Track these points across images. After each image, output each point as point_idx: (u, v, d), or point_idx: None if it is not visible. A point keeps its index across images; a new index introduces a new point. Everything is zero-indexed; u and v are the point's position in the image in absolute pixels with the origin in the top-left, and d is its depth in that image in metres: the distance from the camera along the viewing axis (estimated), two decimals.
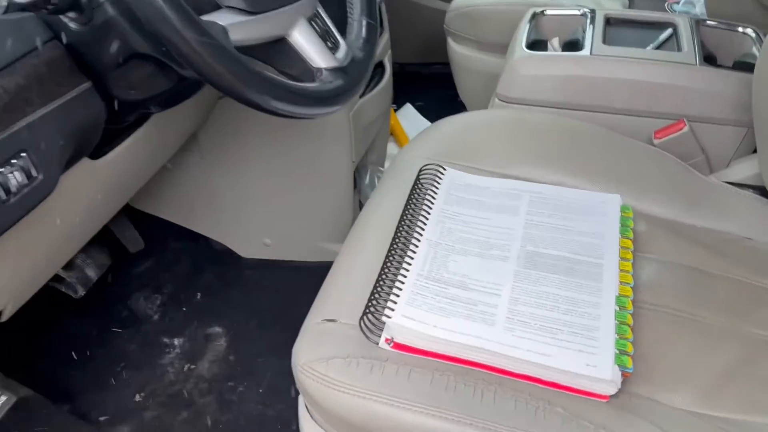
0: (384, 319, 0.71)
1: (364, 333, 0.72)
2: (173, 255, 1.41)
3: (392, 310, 0.71)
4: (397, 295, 0.73)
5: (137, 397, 1.16)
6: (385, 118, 1.40)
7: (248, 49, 0.70)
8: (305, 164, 1.24)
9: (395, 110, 1.79)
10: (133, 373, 1.20)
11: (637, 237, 0.83)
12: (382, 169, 1.42)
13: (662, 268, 0.81)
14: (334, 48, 0.73)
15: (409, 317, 0.71)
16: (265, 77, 0.61)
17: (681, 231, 0.88)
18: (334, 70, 0.72)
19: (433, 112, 1.78)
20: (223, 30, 0.58)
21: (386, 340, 0.71)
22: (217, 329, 1.27)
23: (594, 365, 0.67)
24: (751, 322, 0.76)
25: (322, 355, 0.70)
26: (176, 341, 1.25)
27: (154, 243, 1.41)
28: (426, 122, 1.76)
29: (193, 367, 1.21)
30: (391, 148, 1.62)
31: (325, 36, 0.72)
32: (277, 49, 0.70)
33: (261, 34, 0.64)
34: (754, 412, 0.68)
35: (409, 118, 1.77)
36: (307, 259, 1.37)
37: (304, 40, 0.70)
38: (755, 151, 1.02)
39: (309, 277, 1.36)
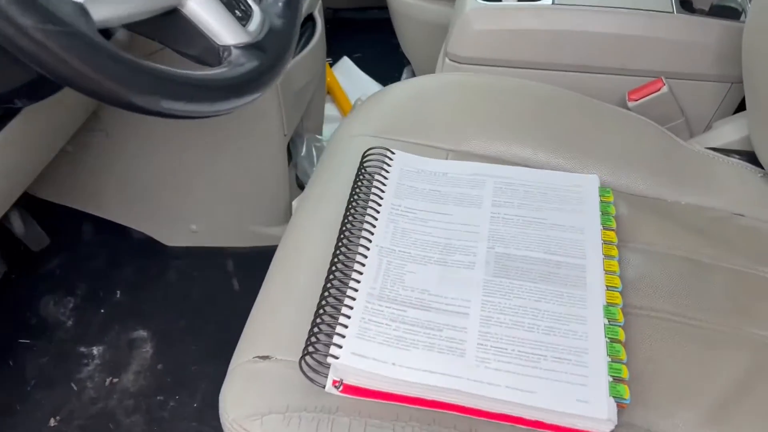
0: (330, 360, 0.57)
1: (306, 375, 0.58)
2: (86, 249, 1.23)
3: (339, 347, 0.58)
4: (345, 326, 0.59)
5: (52, 422, 1.01)
6: (320, 80, 1.24)
7: (134, 27, 0.53)
8: (229, 139, 1.07)
9: (331, 65, 1.61)
10: (46, 392, 1.04)
11: (619, 223, 0.71)
12: (320, 137, 1.26)
13: (650, 261, 0.70)
14: (244, 18, 0.57)
15: (361, 354, 0.57)
16: (147, 69, 0.45)
17: (666, 212, 0.76)
18: (247, 48, 0.56)
19: (373, 66, 1.62)
20: (80, 9, 0.42)
21: (334, 382, 0.57)
22: (142, 333, 1.12)
23: (585, 401, 0.55)
24: (756, 322, 0.66)
25: (255, 410, 0.57)
26: (95, 350, 1.10)
27: (62, 237, 1.23)
28: (366, 78, 1.59)
29: (116, 380, 1.06)
30: (329, 109, 1.46)
31: (232, 3, 0.56)
32: (169, 24, 0.53)
33: (139, 7, 0.47)
34: None
35: (347, 73, 1.60)
36: (241, 245, 1.21)
37: (203, 10, 0.53)
38: (737, 110, 0.90)
39: (244, 265, 1.22)
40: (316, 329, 0.60)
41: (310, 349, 0.58)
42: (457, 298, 0.62)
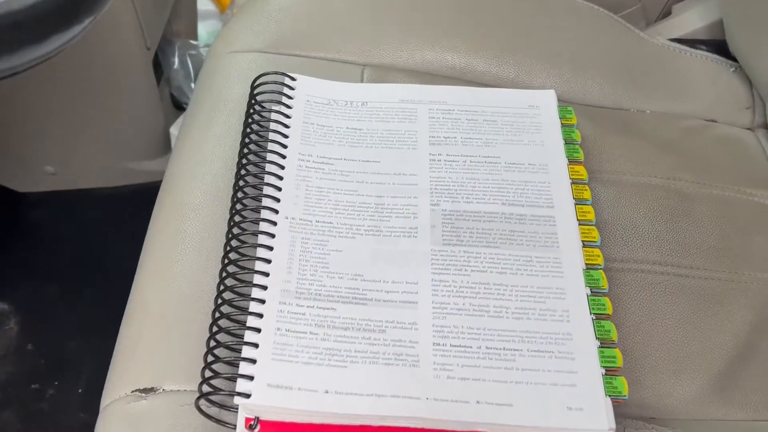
0: (239, 400, 0.41)
1: (207, 416, 0.43)
2: None
3: (249, 378, 0.42)
4: (254, 344, 0.43)
5: None
6: None
7: None
8: (80, 63, 0.83)
9: None
10: None
11: (585, 152, 0.57)
12: (195, 42, 1.03)
13: (624, 196, 0.57)
14: None
15: (281, 385, 0.42)
16: None
17: (632, 126, 0.63)
18: None
19: None
20: None
21: (248, 421, 0.42)
22: (2, 306, 0.91)
23: (579, 407, 0.43)
24: (753, 262, 0.55)
25: None
26: None
27: None
28: None
29: None
30: (203, 3, 1.20)
31: None
32: None
33: None
34: None
35: None
36: (112, 185, 1.00)
37: None
38: None
39: (119, 210, 1.00)
40: (213, 352, 0.43)
41: (208, 386, 0.42)
42: (399, 281, 0.47)
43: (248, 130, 0.54)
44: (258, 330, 0.43)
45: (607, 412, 0.43)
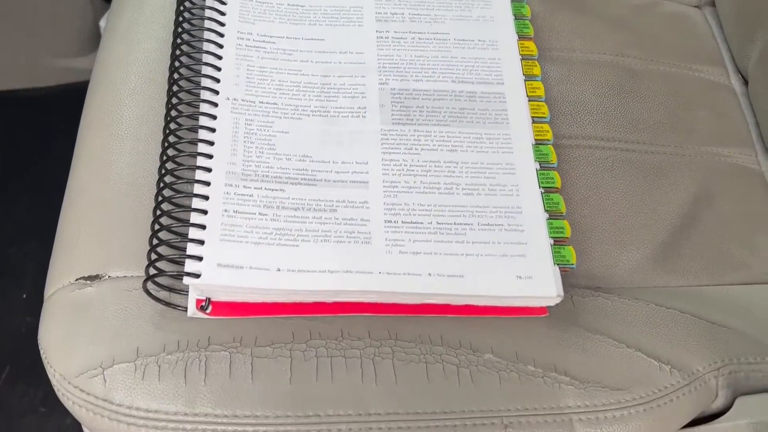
0: (188, 280, 0.40)
1: (156, 299, 0.42)
2: None
3: (198, 258, 0.41)
4: (202, 226, 0.42)
5: None
6: None
7: None
8: None
9: None
10: None
11: (536, 28, 0.56)
12: None
13: (573, 73, 0.56)
14: None
15: (231, 264, 0.41)
16: None
17: (583, 3, 0.61)
18: None
19: None
20: None
21: (199, 302, 0.42)
22: None
23: (529, 276, 0.43)
24: (698, 136, 0.55)
25: (91, 361, 0.40)
26: None
27: None
28: None
29: None
30: None
31: None
32: None
33: None
34: (721, 268, 0.51)
35: None
36: (37, 85, 0.94)
37: None
38: None
39: (48, 112, 0.95)
40: (158, 236, 0.42)
41: (155, 268, 0.41)
42: (349, 161, 0.46)
43: (182, 8, 0.50)
44: (204, 212, 0.42)
45: (556, 280, 0.43)
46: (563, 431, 0.41)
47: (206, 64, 0.48)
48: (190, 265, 0.40)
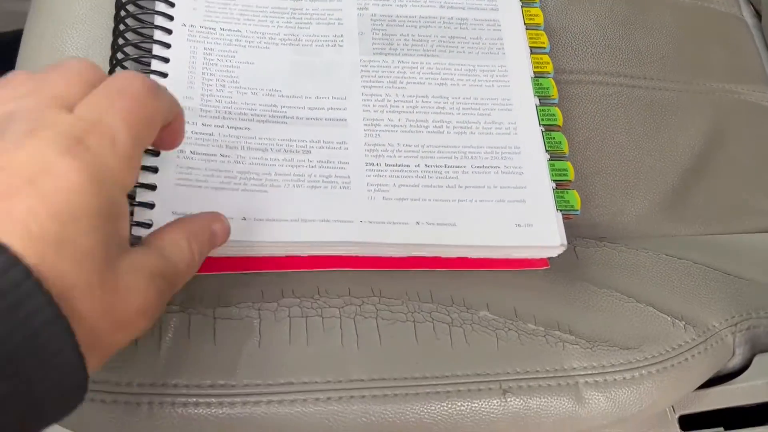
0: (138, 231, 0.35)
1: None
2: None
3: (149, 206, 0.35)
4: (152, 169, 0.36)
5: None
6: None
7: None
8: None
9: None
10: None
11: None
12: None
13: (575, 2, 0.50)
14: None
15: (188, 212, 0.35)
16: None
17: None
18: None
19: None
20: None
21: None
22: None
23: (528, 223, 0.39)
24: (710, 71, 0.50)
25: None
26: None
27: None
28: None
29: None
30: None
31: None
32: None
33: None
34: (735, 215, 0.46)
35: None
36: None
37: None
38: None
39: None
40: None
41: None
42: (324, 96, 0.41)
43: None
44: (156, 153, 0.36)
45: (559, 227, 0.39)
46: (568, 395, 0.36)
47: None
48: (139, 214, 0.35)
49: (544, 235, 0.38)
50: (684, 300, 0.40)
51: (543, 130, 0.42)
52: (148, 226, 0.34)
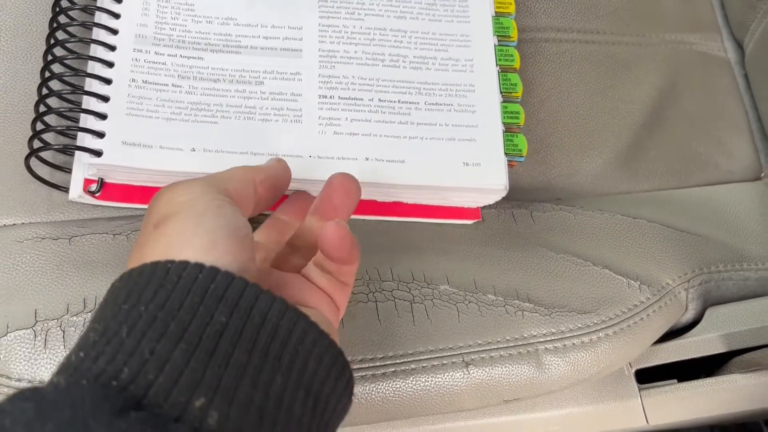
0: (86, 159, 0.35)
1: (35, 176, 0.36)
2: None
3: (99, 135, 0.35)
4: (103, 97, 0.36)
5: None
6: None
7: None
8: None
9: None
10: None
11: None
12: None
13: None
14: None
15: (138, 143, 0.35)
16: None
17: None
18: None
19: None
20: None
21: (88, 183, 0.36)
22: None
23: (476, 163, 0.39)
24: (664, 22, 0.50)
25: None
26: None
27: None
28: None
29: None
30: None
31: None
32: None
33: None
34: (688, 169, 0.47)
35: None
36: None
37: None
38: None
39: None
40: (45, 102, 0.36)
41: (40, 141, 0.35)
42: (280, 26, 0.40)
43: None
44: (108, 81, 0.36)
45: (505, 170, 0.39)
46: (529, 363, 0.37)
47: None
48: (88, 141, 0.35)
49: (491, 175, 0.39)
50: (639, 260, 0.41)
51: (499, 70, 0.41)
52: (99, 154, 0.34)
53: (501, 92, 0.41)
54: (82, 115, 0.36)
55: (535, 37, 0.47)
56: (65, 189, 0.36)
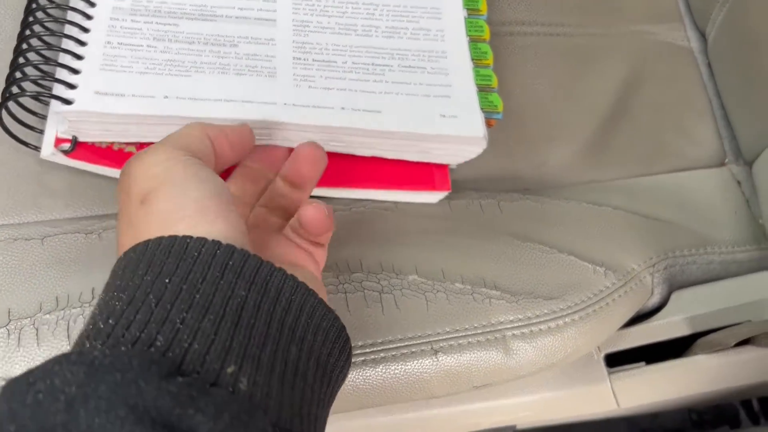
0: (58, 107, 0.36)
1: (5, 130, 0.37)
2: None
3: (71, 86, 0.36)
4: (78, 56, 0.37)
5: None
6: None
7: None
8: None
9: None
10: None
11: None
12: None
13: None
14: None
15: (111, 92, 0.36)
16: None
17: None
18: None
19: None
20: None
21: (59, 142, 0.37)
22: None
23: (453, 115, 0.39)
24: (629, 13, 0.51)
25: None
26: None
27: None
28: None
29: None
30: None
31: None
32: None
33: None
34: (654, 157, 0.48)
35: None
36: None
37: None
38: None
39: None
40: (25, 55, 0.37)
41: (19, 84, 0.36)
42: None
43: None
44: (83, 43, 0.37)
45: (482, 123, 0.40)
46: (497, 349, 0.38)
47: None
48: (61, 91, 0.36)
49: (468, 126, 0.39)
50: (604, 246, 0.42)
51: (470, 40, 0.42)
52: (69, 103, 0.35)
53: (472, 59, 0.42)
54: (57, 69, 0.36)
55: (501, 30, 0.47)
56: (37, 148, 0.37)
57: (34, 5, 0.38)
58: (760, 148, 0.45)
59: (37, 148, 0.37)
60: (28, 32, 0.37)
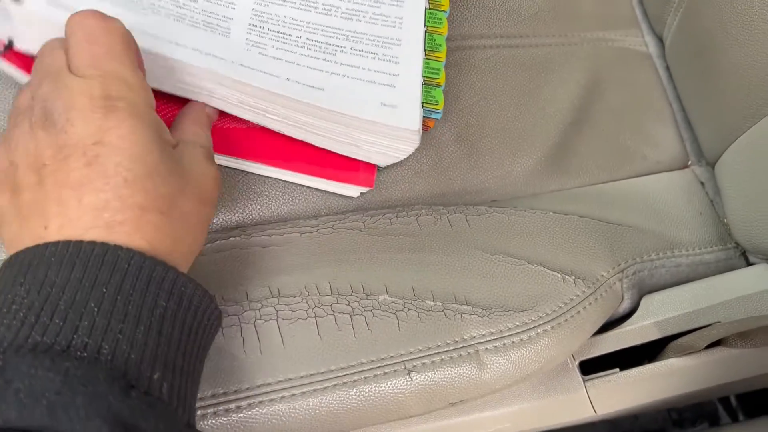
0: (7, 3, 0.36)
1: None
2: None
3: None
4: None
5: None
6: None
7: None
8: None
9: None
10: None
11: None
12: None
13: None
14: None
15: (63, 5, 0.37)
16: None
17: None
18: None
19: None
20: None
21: None
22: None
23: (393, 104, 0.40)
24: (583, 21, 0.51)
25: None
26: None
27: None
28: None
29: None
30: None
31: None
32: None
33: None
34: (617, 162, 0.48)
35: None
36: None
37: None
38: None
39: None
40: None
41: None
42: None
43: None
44: None
45: (420, 116, 0.40)
46: (470, 364, 0.38)
47: None
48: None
49: (406, 117, 0.39)
50: (572, 255, 0.42)
51: (426, 30, 0.43)
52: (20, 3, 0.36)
53: (425, 50, 0.42)
54: None
55: (460, 45, 0.48)
56: None
57: None
58: (722, 149, 0.45)
59: None
60: None
